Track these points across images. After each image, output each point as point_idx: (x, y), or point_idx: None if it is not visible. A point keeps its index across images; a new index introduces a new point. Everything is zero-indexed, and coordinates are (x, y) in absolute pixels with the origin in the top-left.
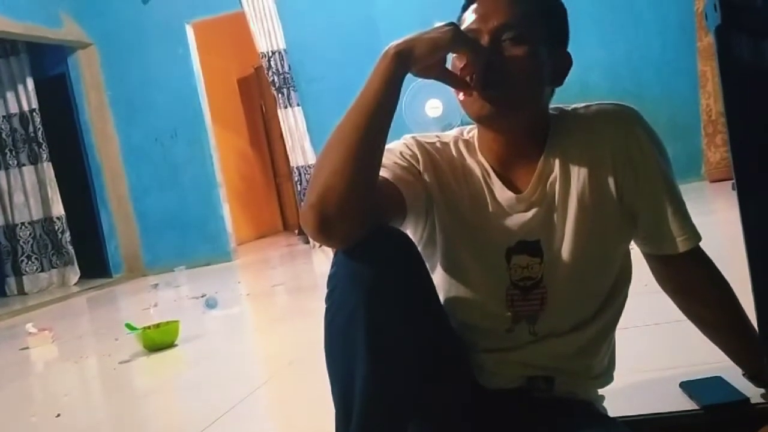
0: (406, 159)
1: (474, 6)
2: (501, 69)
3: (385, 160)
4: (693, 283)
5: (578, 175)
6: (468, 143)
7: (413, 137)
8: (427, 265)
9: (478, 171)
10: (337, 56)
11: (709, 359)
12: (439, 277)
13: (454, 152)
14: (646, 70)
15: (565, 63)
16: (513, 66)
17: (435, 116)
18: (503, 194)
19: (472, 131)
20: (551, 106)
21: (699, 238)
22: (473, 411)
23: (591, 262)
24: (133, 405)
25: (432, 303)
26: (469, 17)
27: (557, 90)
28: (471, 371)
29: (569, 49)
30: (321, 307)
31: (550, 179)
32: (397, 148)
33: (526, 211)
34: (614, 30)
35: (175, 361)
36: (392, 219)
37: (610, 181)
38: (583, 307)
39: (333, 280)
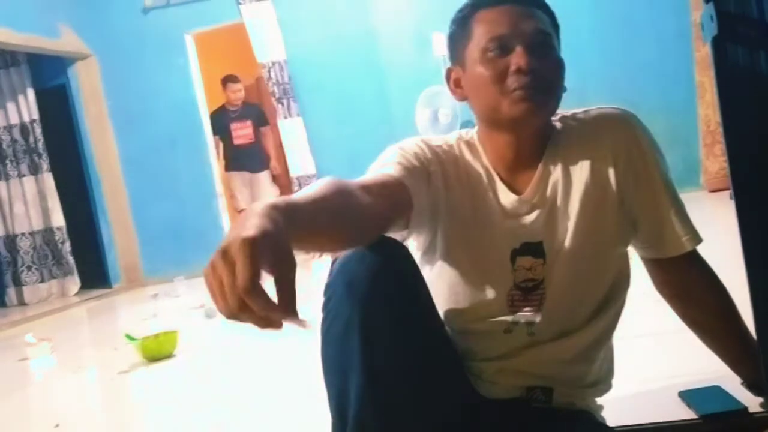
0: (420, 161)
1: (486, 14)
2: (544, 75)
3: (401, 159)
4: (692, 287)
5: (579, 177)
6: (470, 144)
7: (423, 140)
8: (428, 270)
9: (482, 174)
10: (337, 67)
11: (707, 368)
12: (438, 283)
13: (458, 154)
14: (644, 80)
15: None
16: (549, 72)
17: (447, 123)
18: (506, 197)
19: (471, 132)
20: None
21: (700, 239)
22: (470, 420)
23: (590, 263)
24: (132, 415)
25: (428, 313)
26: (486, 26)
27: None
28: (468, 381)
29: (567, 58)
30: (318, 316)
31: (551, 181)
32: (411, 149)
33: (528, 213)
34: (612, 40)
35: (174, 372)
36: (398, 219)
37: (611, 182)
38: (580, 309)
39: (329, 290)
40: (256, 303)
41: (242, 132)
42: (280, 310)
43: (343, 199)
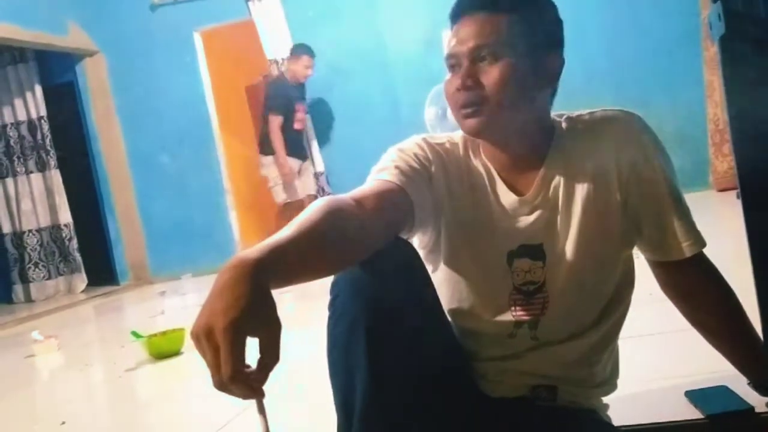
0: (420, 161)
1: (454, 28)
2: (476, 89)
3: (399, 162)
4: (697, 289)
5: (582, 180)
6: (474, 143)
7: (424, 139)
8: (431, 271)
9: (482, 173)
10: (344, 65)
11: (714, 368)
12: (442, 283)
13: (461, 152)
14: (652, 79)
15: (555, 65)
16: (489, 83)
17: (455, 120)
18: (507, 197)
19: None
20: (556, 112)
21: (703, 244)
22: (475, 420)
23: (593, 267)
24: (139, 413)
25: (433, 312)
26: (451, 40)
27: (563, 99)
28: (473, 380)
29: (576, 57)
30: (324, 315)
31: (554, 184)
32: (410, 149)
33: (528, 214)
34: (620, 39)
35: (181, 369)
36: (401, 226)
37: (614, 186)
38: (584, 313)
39: (336, 288)
40: (238, 392)
41: (302, 115)
42: (259, 383)
43: (337, 228)
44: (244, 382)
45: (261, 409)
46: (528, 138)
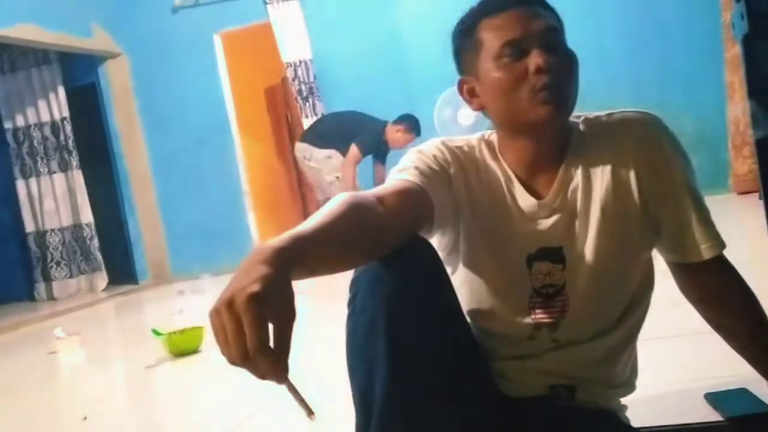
0: (439, 163)
1: (492, 21)
2: (562, 72)
3: (419, 163)
4: (717, 291)
5: (601, 182)
6: (490, 145)
7: (443, 141)
8: (451, 273)
9: (500, 176)
10: (362, 67)
11: (734, 371)
12: (461, 284)
13: (478, 155)
14: (672, 81)
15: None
16: (565, 69)
17: (467, 124)
18: (525, 200)
19: (492, 134)
20: (573, 113)
21: (723, 246)
22: (494, 418)
23: (613, 270)
24: (159, 409)
25: (452, 310)
26: (496, 33)
27: (581, 100)
28: (492, 378)
29: (595, 57)
30: (344, 314)
31: (572, 186)
32: (430, 151)
33: (547, 217)
34: (640, 41)
35: (200, 367)
36: (421, 224)
37: (633, 188)
38: (604, 315)
39: (355, 286)
40: (264, 363)
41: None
42: (279, 365)
43: (358, 221)
44: (270, 356)
45: (292, 391)
46: (555, 138)
